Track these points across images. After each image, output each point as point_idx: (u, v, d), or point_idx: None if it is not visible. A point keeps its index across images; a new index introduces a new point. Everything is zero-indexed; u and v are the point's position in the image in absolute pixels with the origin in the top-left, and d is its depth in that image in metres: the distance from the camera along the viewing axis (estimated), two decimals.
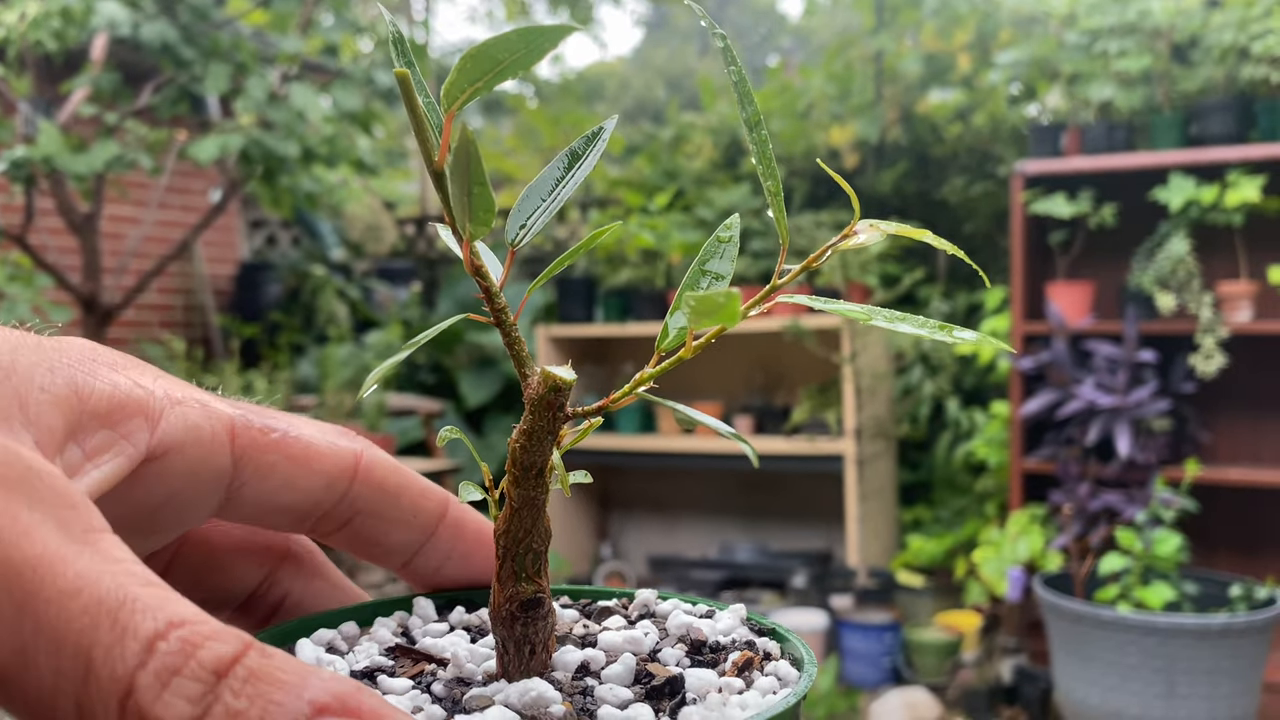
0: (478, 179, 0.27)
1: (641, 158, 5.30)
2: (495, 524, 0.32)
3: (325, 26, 4.08)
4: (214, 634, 0.22)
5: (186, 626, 0.22)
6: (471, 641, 0.34)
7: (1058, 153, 3.72)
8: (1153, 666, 2.76)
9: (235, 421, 0.31)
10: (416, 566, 0.37)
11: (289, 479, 0.33)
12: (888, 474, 4.40)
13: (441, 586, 0.37)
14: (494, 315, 0.30)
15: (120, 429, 0.28)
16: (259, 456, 0.32)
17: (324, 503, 0.34)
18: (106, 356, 0.29)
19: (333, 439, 0.34)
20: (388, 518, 0.35)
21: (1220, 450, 3.71)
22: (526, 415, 0.30)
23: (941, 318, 4.27)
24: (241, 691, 0.21)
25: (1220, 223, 3.42)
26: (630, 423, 4.68)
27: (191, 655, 0.21)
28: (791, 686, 0.31)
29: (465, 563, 0.37)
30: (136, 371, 0.29)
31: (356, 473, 0.34)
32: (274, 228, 6.39)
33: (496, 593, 0.31)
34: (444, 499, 0.36)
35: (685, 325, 0.32)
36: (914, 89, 4.74)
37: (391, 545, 0.36)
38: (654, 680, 0.31)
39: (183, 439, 0.29)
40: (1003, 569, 3.43)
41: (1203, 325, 3.36)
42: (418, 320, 5.54)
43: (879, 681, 3.62)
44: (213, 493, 0.31)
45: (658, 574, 4.67)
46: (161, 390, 0.29)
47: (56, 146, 3.28)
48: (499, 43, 0.26)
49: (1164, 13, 3.59)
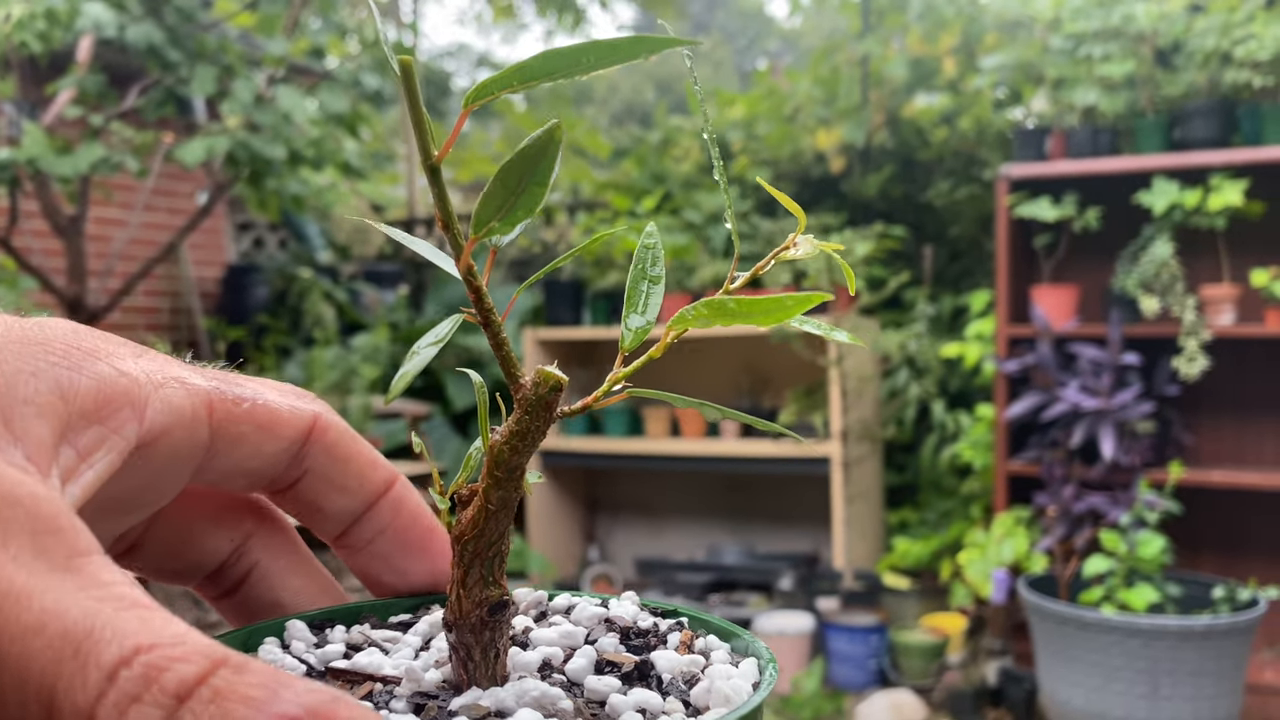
0: (540, 178, 0.27)
1: (629, 161, 5.31)
2: (458, 528, 0.31)
3: (312, 29, 4.08)
4: (183, 656, 0.21)
5: (155, 651, 0.21)
6: (385, 654, 0.33)
7: (1042, 156, 3.74)
8: (1136, 668, 2.77)
9: (211, 396, 0.31)
10: (349, 537, 0.36)
11: (256, 446, 0.33)
12: (874, 476, 4.42)
13: (371, 559, 0.37)
14: (482, 315, 0.30)
15: (109, 423, 0.28)
16: (231, 427, 0.32)
17: (282, 464, 0.34)
18: (89, 342, 0.29)
19: (293, 401, 0.34)
20: (334, 482, 0.35)
21: (1203, 452, 3.74)
22: (519, 416, 0.29)
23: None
24: (203, 714, 0.20)
25: (1203, 226, 3.45)
26: (618, 425, 4.69)
27: (154, 681, 0.21)
28: (740, 657, 0.33)
29: (397, 539, 0.37)
30: (118, 357, 0.29)
31: (311, 433, 0.34)
32: (261, 230, 6.37)
33: (462, 598, 0.31)
34: (391, 475, 0.36)
35: (644, 325, 0.33)
36: (900, 93, 4.75)
37: (331, 511, 0.36)
38: (623, 667, 0.31)
39: (168, 423, 0.29)
40: (988, 571, 3.44)
41: (1186, 328, 3.38)
42: (405, 323, 5.53)
43: (865, 684, 3.63)
44: (190, 467, 0.32)
45: (645, 577, 4.67)
46: (144, 374, 0.29)
47: (41, 148, 3.27)
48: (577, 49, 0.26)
49: (1147, 17, 3.61)
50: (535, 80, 0.26)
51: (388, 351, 4.91)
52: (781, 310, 0.29)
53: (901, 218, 4.76)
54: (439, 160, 0.27)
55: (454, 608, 0.31)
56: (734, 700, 0.29)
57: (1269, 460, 3.67)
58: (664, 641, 0.34)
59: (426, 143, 0.26)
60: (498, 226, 0.28)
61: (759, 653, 0.32)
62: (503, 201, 0.27)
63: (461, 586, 0.31)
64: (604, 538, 5.23)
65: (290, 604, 0.37)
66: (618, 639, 0.33)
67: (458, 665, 0.31)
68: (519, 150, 0.26)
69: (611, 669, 0.31)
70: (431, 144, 0.26)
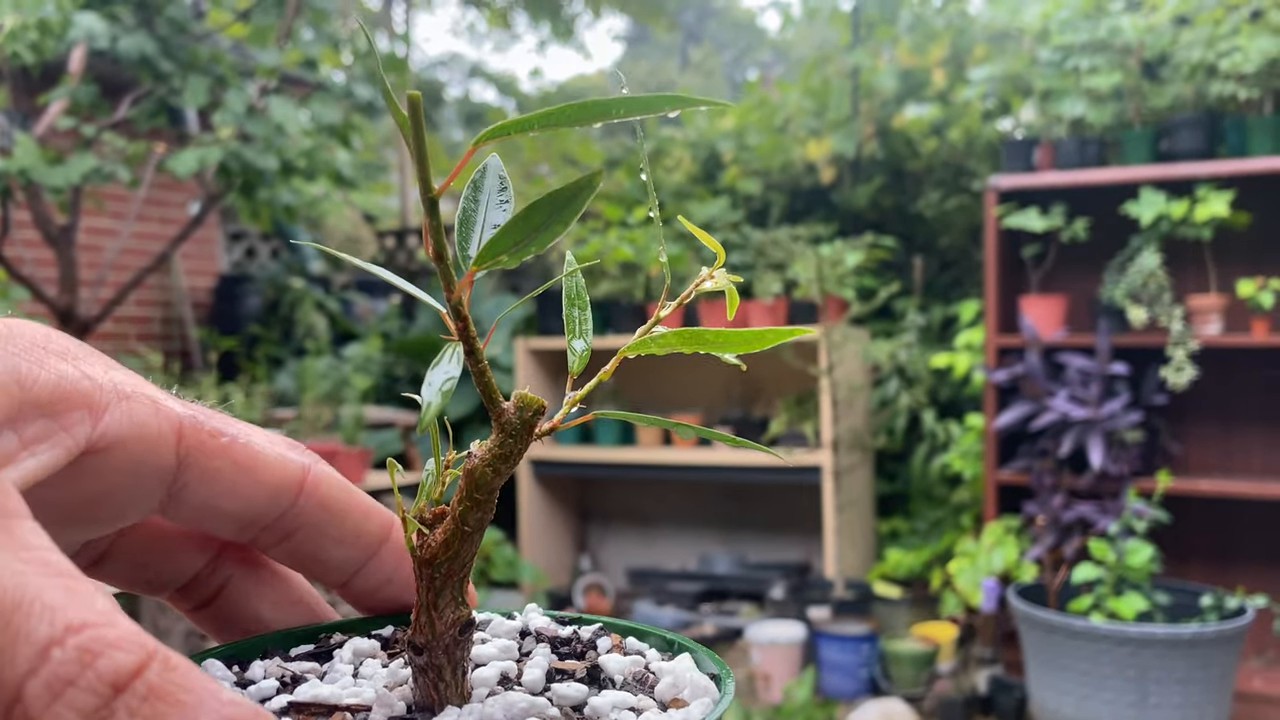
0: (565, 219, 0.26)
1: (621, 171, 5.33)
2: (428, 550, 0.31)
3: (305, 40, 4.09)
4: (116, 641, 0.21)
5: (87, 631, 0.20)
6: (354, 676, 0.32)
7: (1031, 167, 3.77)
8: (1125, 676, 2.79)
9: (184, 422, 0.31)
10: (355, 586, 0.36)
11: (233, 485, 0.32)
12: (865, 486, 4.43)
13: (378, 609, 0.37)
14: (466, 345, 0.29)
15: (61, 420, 0.27)
16: (205, 460, 0.31)
17: (267, 514, 0.33)
18: (58, 344, 0.28)
19: (282, 451, 0.33)
20: (330, 535, 0.34)
21: (1191, 461, 3.76)
22: (503, 439, 0.30)
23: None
24: (138, 710, 0.20)
25: (1190, 237, 3.47)
26: (609, 435, 4.69)
27: (89, 665, 0.20)
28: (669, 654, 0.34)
29: (406, 588, 0.36)
30: (87, 363, 0.29)
31: (303, 487, 0.33)
32: (253, 240, 6.37)
33: (435, 619, 0.31)
34: (389, 522, 0.36)
35: (585, 348, 0.33)
36: (890, 104, 4.78)
37: (331, 563, 0.35)
38: (576, 673, 0.32)
39: (126, 434, 0.29)
40: (978, 580, 3.45)
41: (1173, 338, 3.41)
42: (397, 333, 5.54)
43: (856, 692, 3.64)
44: (154, 490, 0.31)
45: (637, 586, 4.68)
46: (110, 383, 0.29)
47: (33, 159, 3.27)
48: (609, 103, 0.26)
49: (1134, 30, 3.64)
50: (561, 125, 0.26)
51: (380, 361, 4.91)
52: (760, 341, 0.30)
53: (892, 228, 4.79)
54: (439, 194, 0.27)
55: (424, 629, 0.31)
56: (710, 689, 0.30)
57: (1256, 469, 3.69)
58: (593, 647, 0.34)
59: (428, 176, 0.26)
60: (506, 259, 0.28)
61: (689, 646, 0.33)
62: (521, 237, 0.27)
63: (434, 609, 0.31)
64: (596, 547, 5.23)
65: (269, 618, 0.37)
66: (548, 648, 0.34)
67: (427, 686, 0.31)
68: (553, 193, 0.26)
69: (565, 676, 0.32)
70: (432, 176, 0.26)
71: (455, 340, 0.29)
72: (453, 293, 0.28)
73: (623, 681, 0.32)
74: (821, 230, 4.62)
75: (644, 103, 0.26)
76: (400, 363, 5.30)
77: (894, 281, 4.42)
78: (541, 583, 4.61)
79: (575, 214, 0.27)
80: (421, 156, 0.25)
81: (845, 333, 4.18)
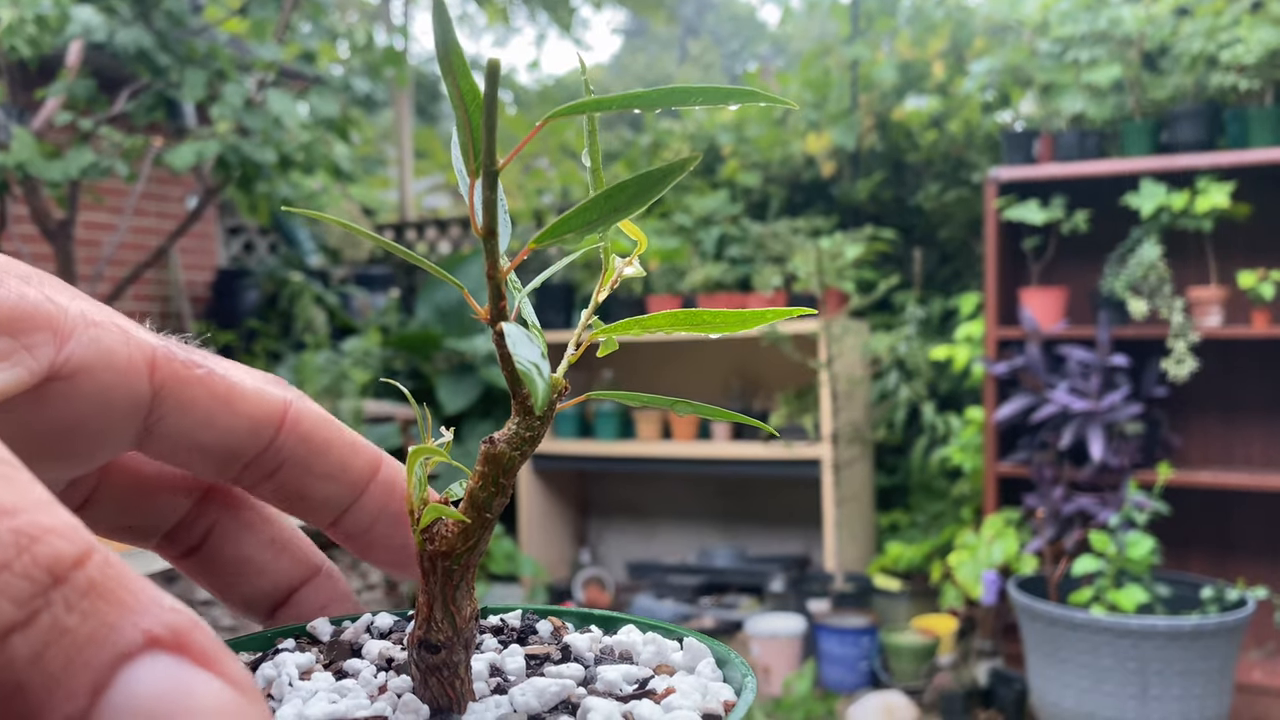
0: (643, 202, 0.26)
1: (620, 164, 5.32)
2: (446, 542, 0.29)
3: (302, 33, 4.08)
4: (55, 529, 0.19)
5: (21, 515, 0.18)
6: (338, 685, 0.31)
7: (1031, 159, 3.76)
8: (1126, 668, 2.79)
9: (157, 352, 0.30)
10: (345, 525, 0.35)
11: (210, 416, 0.31)
12: (864, 479, 4.43)
13: (371, 548, 0.36)
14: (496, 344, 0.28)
15: (22, 339, 0.26)
16: (180, 390, 0.30)
17: (248, 448, 0.32)
18: (20, 269, 0.27)
19: (261, 384, 0.33)
20: (315, 471, 0.34)
21: (1192, 453, 3.76)
22: (530, 422, 0.29)
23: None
24: (76, 605, 0.18)
25: (1190, 228, 3.47)
26: (609, 428, 4.69)
27: (25, 550, 0.18)
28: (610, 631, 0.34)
29: (397, 524, 0.35)
30: (52, 288, 0.28)
31: (284, 421, 0.33)
32: (251, 234, 6.36)
33: (454, 615, 0.29)
34: (376, 457, 0.35)
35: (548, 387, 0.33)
36: (889, 96, 4.77)
37: (317, 500, 0.34)
38: (551, 656, 0.32)
39: (94, 362, 0.28)
40: (978, 573, 3.45)
41: (1174, 330, 3.40)
42: (396, 327, 5.53)
43: (856, 685, 3.64)
44: (128, 422, 0.30)
45: (636, 579, 4.68)
46: (77, 309, 0.28)
47: (31, 153, 3.26)
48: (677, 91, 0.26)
49: (1135, 21, 3.63)
50: (641, 108, 0.26)
51: (379, 355, 4.91)
52: (758, 319, 0.29)
53: (891, 220, 4.78)
54: (503, 168, 0.26)
55: (442, 626, 0.29)
56: (698, 650, 0.31)
57: (1257, 461, 3.69)
58: (534, 630, 0.34)
59: (494, 148, 0.25)
60: (571, 238, 0.27)
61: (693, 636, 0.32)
62: (596, 216, 0.26)
63: (452, 603, 0.29)
64: (595, 541, 5.23)
65: (255, 559, 0.36)
66: (492, 637, 0.33)
67: (441, 686, 0.29)
68: (645, 173, 0.25)
69: (543, 660, 0.31)
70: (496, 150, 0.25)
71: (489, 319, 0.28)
72: (497, 270, 0.27)
73: (593, 658, 0.31)
74: (821, 223, 4.61)
75: (721, 93, 0.26)
76: (399, 356, 5.29)
77: (894, 274, 4.41)
78: (541, 576, 4.61)
79: (656, 196, 0.26)
80: (490, 127, 0.25)
81: (845, 326, 4.17)
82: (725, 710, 0.28)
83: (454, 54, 0.25)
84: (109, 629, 0.18)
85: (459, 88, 0.25)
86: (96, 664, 0.18)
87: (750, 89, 0.26)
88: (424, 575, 0.30)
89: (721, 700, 0.28)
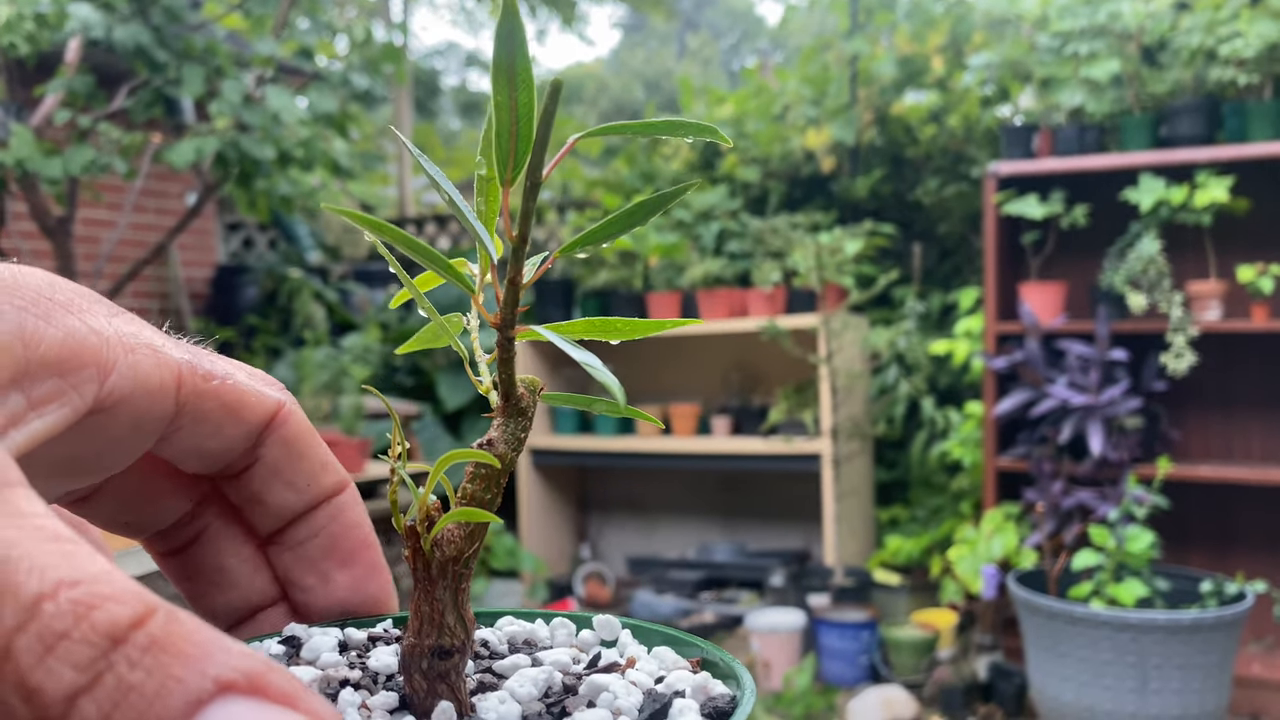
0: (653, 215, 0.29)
1: (619, 159, 5.32)
2: (453, 547, 0.29)
3: (301, 29, 4.07)
4: (114, 595, 0.19)
5: (81, 586, 0.19)
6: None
7: (1030, 154, 3.76)
8: (1126, 662, 2.79)
9: (182, 369, 0.31)
10: (285, 535, 0.35)
11: (219, 426, 0.32)
12: (864, 473, 4.43)
13: (296, 564, 0.36)
14: (504, 337, 0.29)
15: (70, 378, 0.27)
16: (198, 403, 0.31)
17: (239, 449, 0.33)
18: (63, 295, 0.28)
19: (261, 386, 0.34)
20: (283, 476, 0.34)
21: (1191, 447, 3.76)
22: (523, 422, 0.30)
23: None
24: (139, 662, 0.19)
25: (1189, 223, 3.47)
26: (608, 424, 4.69)
27: (84, 618, 0.19)
28: None
29: (330, 545, 0.36)
30: (92, 314, 0.28)
31: (272, 421, 0.34)
32: (250, 231, 6.36)
33: (464, 618, 0.29)
34: (342, 481, 0.35)
35: None
36: (889, 91, 4.77)
37: (274, 505, 0.35)
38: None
39: (132, 391, 0.29)
40: (978, 567, 3.46)
41: (1173, 324, 3.40)
42: (396, 323, 5.53)
43: (856, 679, 3.65)
44: (151, 437, 0.31)
45: (636, 574, 4.68)
46: (115, 336, 0.28)
47: (30, 150, 3.26)
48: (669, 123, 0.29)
49: (1134, 15, 3.63)
50: (661, 134, 0.29)
51: (378, 352, 4.91)
52: (657, 328, 0.31)
53: (891, 215, 4.78)
54: (545, 178, 0.27)
55: (453, 632, 0.29)
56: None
57: (1256, 455, 3.69)
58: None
59: (542, 162, 0.26)
60: (591, 249, 0.29)
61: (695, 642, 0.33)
62: (618, 230, 0.29)
63: (460, 608, 0.29)
64: (596, 536, 5.23)
65: (234, 571, 0.36)
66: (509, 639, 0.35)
67: (450, 692, 0.29)
68: (658, 195, 0.28)
69: (525, 647, 0.33)
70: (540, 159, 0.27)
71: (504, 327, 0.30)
72: (520, 277, 0.28)
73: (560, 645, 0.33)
74: (820, 218, 4.61)
75: (708, 130, 0.29)
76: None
77: (893, 269, 4.41)
78: (541, 571, 4.62)
79: (657, 213, 0.29)
80: (544, 142, 0.26)
81: (844, 320, 4.17)
82: (693, 668, 0.30)
83: (521, 65, 0.26)
84: (176, 681, 0.19)
85: (515, 98, 0.26)
86: (169, 715, 0.19)
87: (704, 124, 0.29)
88: (430, 583, 0.29)
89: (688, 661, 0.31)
